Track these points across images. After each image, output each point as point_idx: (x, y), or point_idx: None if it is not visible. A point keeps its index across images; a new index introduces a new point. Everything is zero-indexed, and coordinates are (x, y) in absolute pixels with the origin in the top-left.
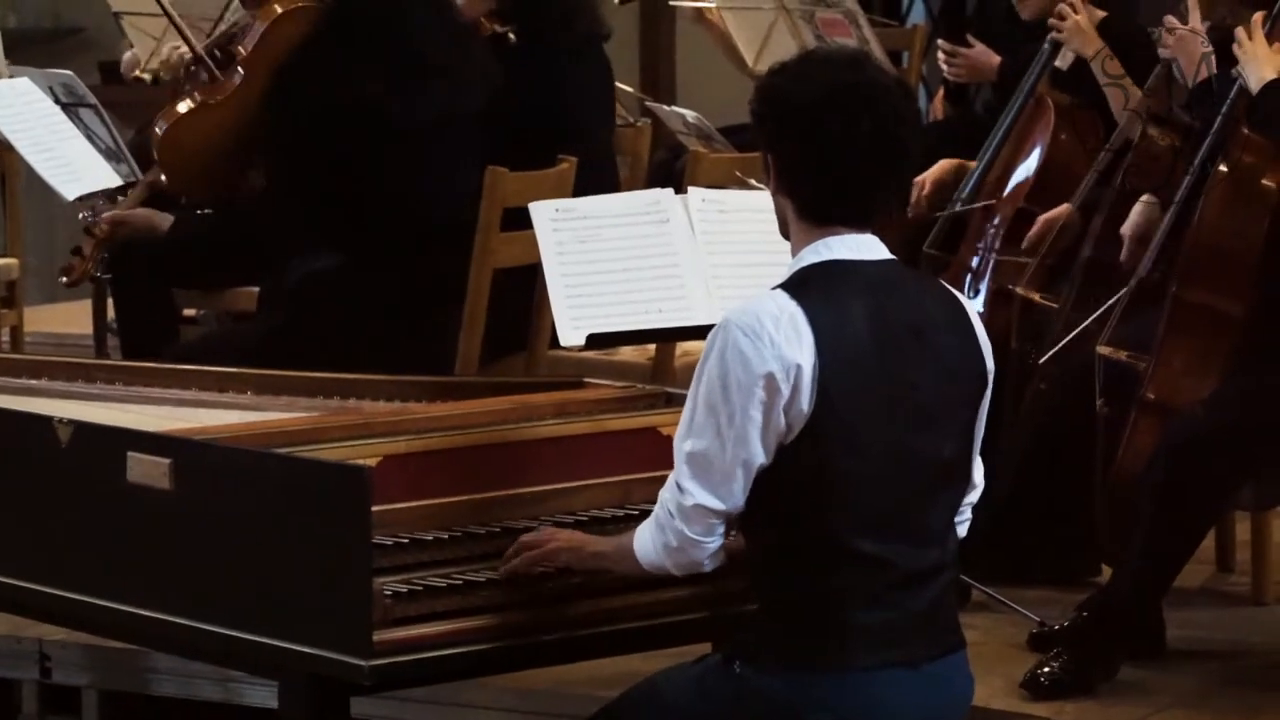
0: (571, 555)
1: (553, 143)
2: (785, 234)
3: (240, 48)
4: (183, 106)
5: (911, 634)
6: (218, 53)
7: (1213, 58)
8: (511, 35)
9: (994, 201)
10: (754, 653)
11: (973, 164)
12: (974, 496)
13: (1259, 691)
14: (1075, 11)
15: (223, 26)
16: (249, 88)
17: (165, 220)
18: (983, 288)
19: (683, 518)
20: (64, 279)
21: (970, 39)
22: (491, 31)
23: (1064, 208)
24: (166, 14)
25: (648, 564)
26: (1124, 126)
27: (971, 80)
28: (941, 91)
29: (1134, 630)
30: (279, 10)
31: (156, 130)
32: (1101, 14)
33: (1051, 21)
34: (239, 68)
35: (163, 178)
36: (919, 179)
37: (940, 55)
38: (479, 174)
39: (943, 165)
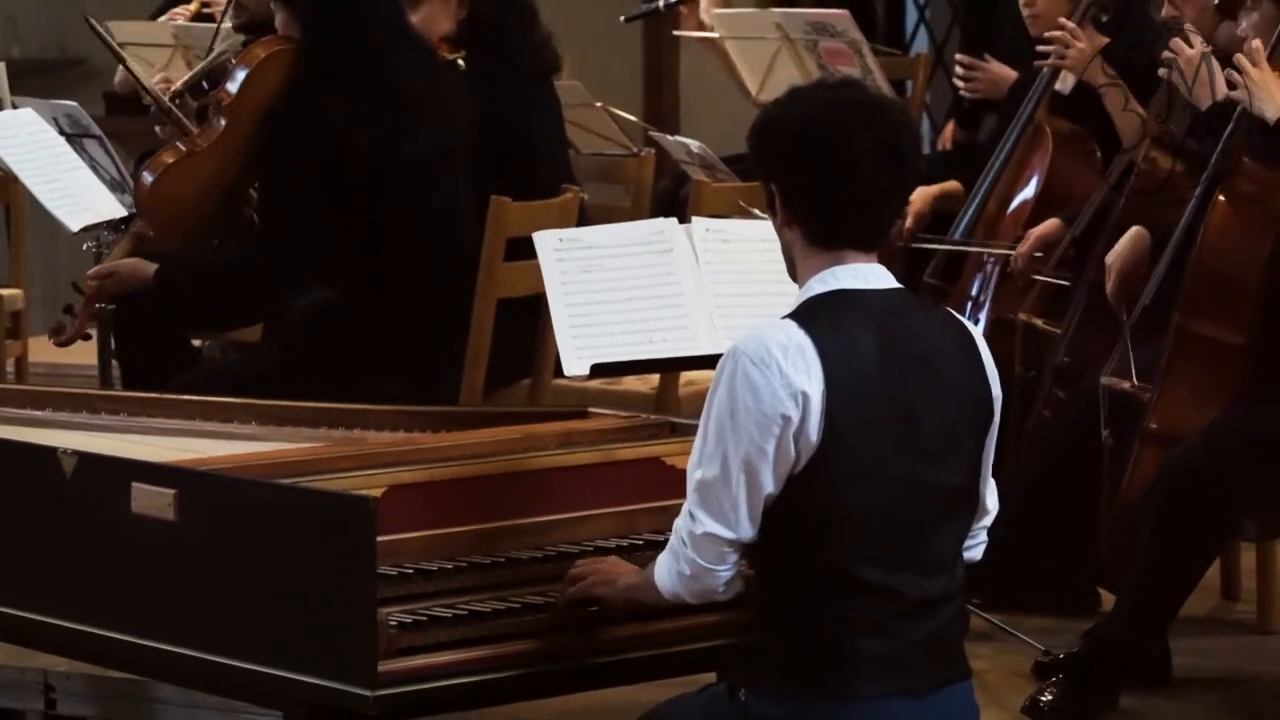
0: (606, 589)
1: (513, 165)
2: (792, 273)
3: (222, 93)
4: (168, 157)
5: (916, 663)
6: (205, 84)
7: (1219, 80)
8: (460, 62)
9: (989, 251)
10: (759, 681)
11: (953, 185)
12: (987, 521)
13: None
14: (1077, 40)
15: (207, 62)
16: (233, 134)
17: (151, 267)
18: (983, 316)
19: (694, 546)
20: (54, 340)
21: (988, 56)
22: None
23: (1053, 222)
24: (131, 74)
25: (666, 593)
26: (1122, 154)
27: (989, 95)
28: (952, 122)
29: (1135, 661)
30: (261, 55)
31: (143, 182)
32: (1104, 40)
33: (1054, 49)
34: (221, 116)
35: (150, 232)
36: None
37: (958, 70)
38: (476, 203)
39: (924, 195)
